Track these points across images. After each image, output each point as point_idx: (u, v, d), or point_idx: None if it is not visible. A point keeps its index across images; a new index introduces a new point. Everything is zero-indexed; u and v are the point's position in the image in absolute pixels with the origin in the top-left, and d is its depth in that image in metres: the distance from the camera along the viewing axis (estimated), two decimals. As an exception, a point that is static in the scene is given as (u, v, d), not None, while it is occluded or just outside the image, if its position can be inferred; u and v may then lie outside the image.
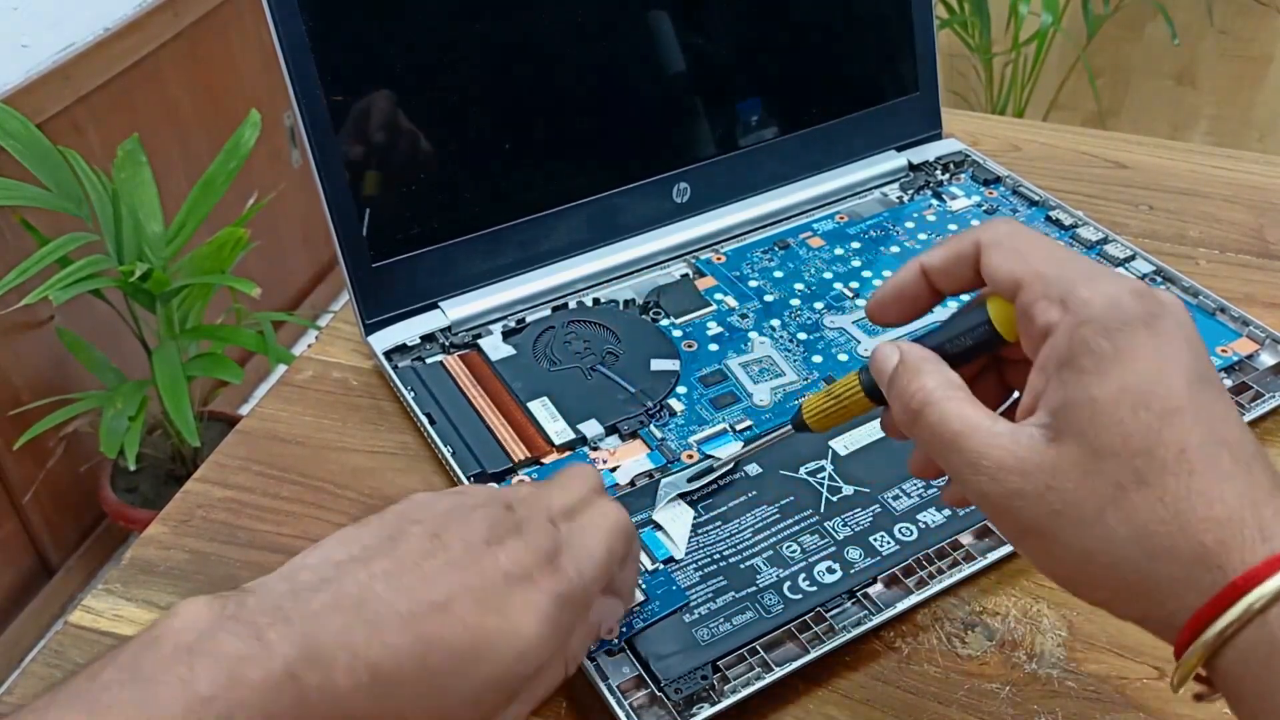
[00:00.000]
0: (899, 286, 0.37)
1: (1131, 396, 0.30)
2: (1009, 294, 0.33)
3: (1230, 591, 0.28)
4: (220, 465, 0.55)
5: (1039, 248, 0.33)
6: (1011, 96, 1.87)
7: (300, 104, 0.54)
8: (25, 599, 1.46)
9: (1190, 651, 0.29)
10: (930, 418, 0.33)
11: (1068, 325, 0.31)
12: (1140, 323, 0.31)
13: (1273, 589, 0.27)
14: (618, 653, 0.43)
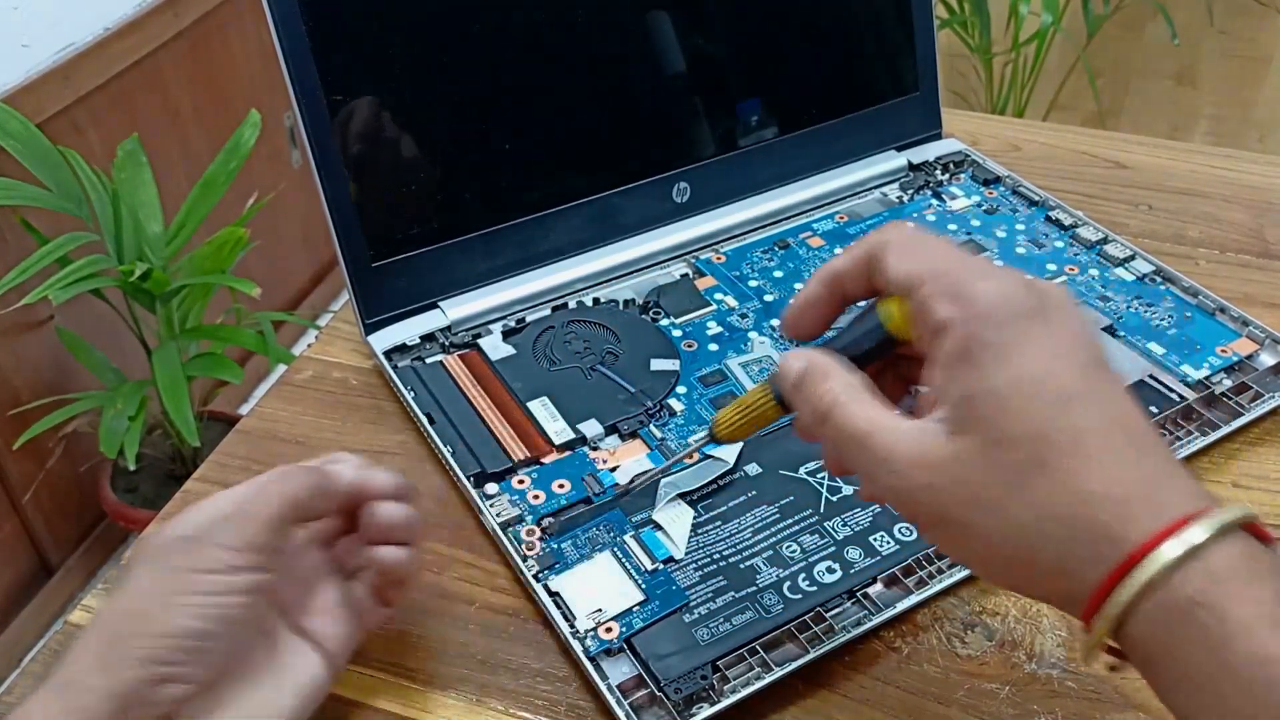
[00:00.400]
0: (811, 299, 0.38)
1: (1026, 386, 0.31)
2: (906, 292, 0.34)
3: (1128, 564, 0.29)
4: (220, 465, 0.55)
5: (934, 248, 0.34)
6: (1011, 96, 1.87)
7: (300, 104, 0.54)
8: (25, 599, 1.46)
9: (1096, 625, 0.30)
10: (837, 420, 0.34)
11: (962, 320, 0.32)
12: (1031, 314, 0.32)
13: (1168, 558, 0.28)
14: (617, 653, 0.43)
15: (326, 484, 0.41)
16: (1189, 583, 0.28)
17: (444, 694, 0.44)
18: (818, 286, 0.38)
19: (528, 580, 0.46)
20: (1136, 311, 0.60)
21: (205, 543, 0.37)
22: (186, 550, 0.37)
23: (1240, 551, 0.29)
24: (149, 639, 0.36)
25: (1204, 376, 0.56)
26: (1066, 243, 0.66)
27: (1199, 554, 0.28)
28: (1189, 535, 0.28)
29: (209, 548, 0.37)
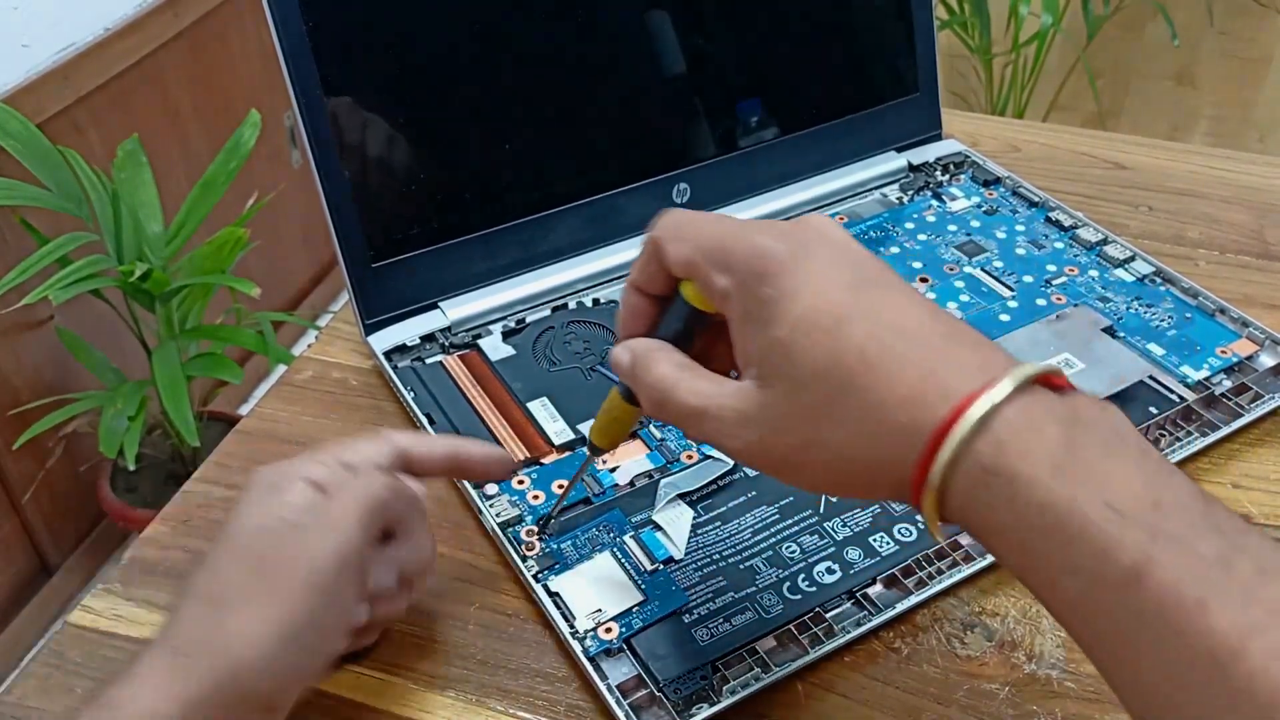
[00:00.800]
0: (629, 313, 0.40)
1: (804, 325, 0.33)
2: (689, 275, 0.37)
3: (930, 452, 0.31)
4: (220, 465, 0.55)
5: (699, 227, 0.37)
6: (1011, 97, 1.87)
7: (300, 104, 0.54)
8: (24, 599, 1.46)
9: (924, 510, 0.32)
10: (672, 403, 0.36)
11: (735, 286, 0.35)
12: (791, 258, 0.34)
13: (958, 439, 0.30)
14: (617, 653, 0.43)
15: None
16: (981, 454, 0.30)
17: (444, 694, 0.44)
18: (627, 300, 0.40)
19: (527, 580, 0.46)
20: (1136, 312, 0.60)
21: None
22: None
23: (1025, 410, 0.30)
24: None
25: (1204, 377, 0.56)
26: (1066, 244, 0.66)
27: (985, 426, 0.30)
28: (973, 412, 0.30)
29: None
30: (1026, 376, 0.31)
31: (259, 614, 0.37)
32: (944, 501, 0.31)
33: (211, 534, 0.50)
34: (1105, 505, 0.28)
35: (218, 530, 0.40)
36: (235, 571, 0.38)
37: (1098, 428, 0.30)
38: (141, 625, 0.47)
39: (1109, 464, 0.29)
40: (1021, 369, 0.31)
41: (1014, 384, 0.30)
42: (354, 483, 0.40)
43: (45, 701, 0.44)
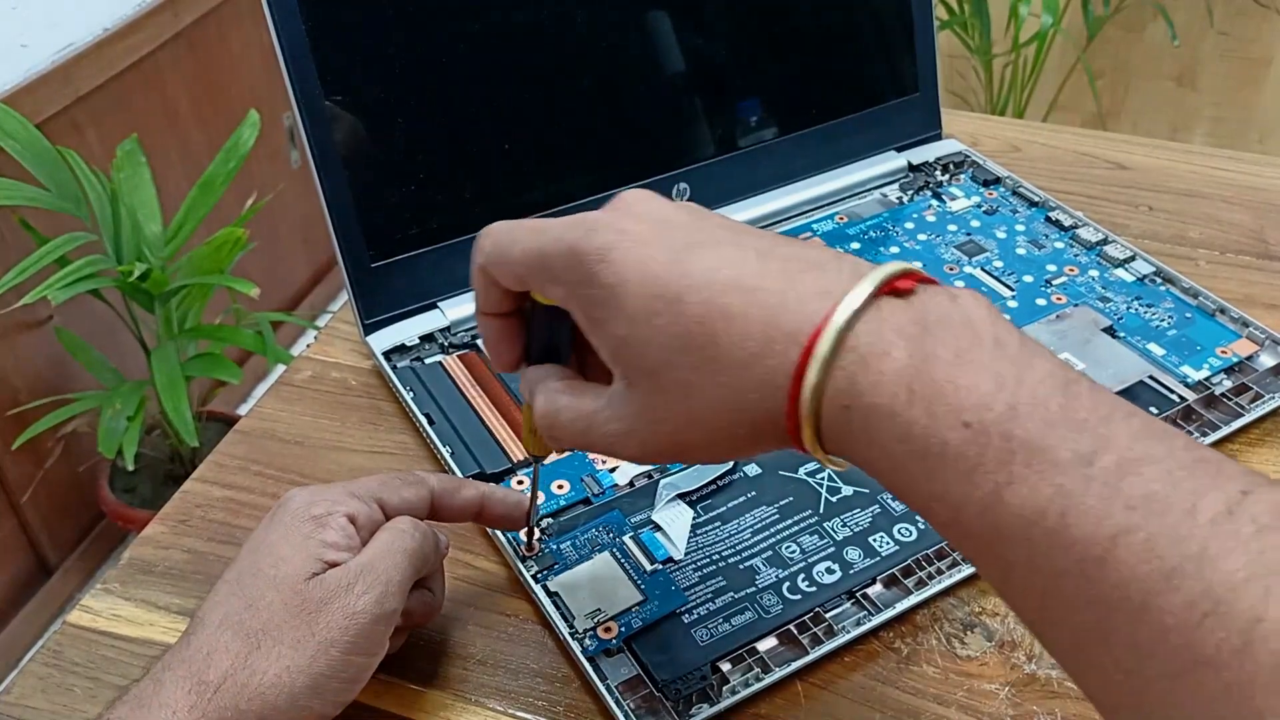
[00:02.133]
0: (491, 339, 0.39)
1: (640, 315, 0.32)
2: (526, 289, 0.36)
3: (794, 395, 0.30)
4: (219, 465, 0.55)
5: (516, 242, 0.35)
6: (1011, 97, 1.87)
7: (300, 104, 0.54)
8: (23, 599, 1.46)
9: (809, 451, 0.31)
10: (560, 433, 0.36)
11: (568, 295, 0.34)
12: (607, 249, 0.32)
13: (813, 382, 0.29)
14: (616, 653, 0.43)
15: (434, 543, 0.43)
16: (837, 392, 0.29)
17: (443, 694, 0.44)
18: (487, 329, 0.39)
19: (527, 581, 0.46)
20: (1136, 312, 0.60)
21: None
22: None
23: (870, 333, 0.29)
24: None
25: (1204, 377, 0.56)
26: (1066, 243, 0.66)
27: (834, 363, 0.29)
28: (819, 350, 0.29)
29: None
30: (867, 294, 0.29)
31: (295, 661, 0.37)
32: (823, 440, 0.31)
33: (211, 534, 0.51)
34: (962, 425, 0.27)
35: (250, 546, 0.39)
36: (277, 612, 0.37)
37: (948, 327, 0.29)
38: (140, 625, 0.47)
39: (962, 374, 0.28)
40: (860, 285, 0.30)
41: (854, 307, 0.29)
42: (400, 538, 0.40)
43: (44, 701, 0.44)
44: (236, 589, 0.38)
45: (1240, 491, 0.25)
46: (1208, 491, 0.25)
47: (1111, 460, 0.26)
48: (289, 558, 0.39)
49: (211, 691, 0.36)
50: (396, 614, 0.39)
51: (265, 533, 0.40)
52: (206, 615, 0.38)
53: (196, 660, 0.36)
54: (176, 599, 0.48)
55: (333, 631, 0.37)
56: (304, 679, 0.37)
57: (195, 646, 0.37)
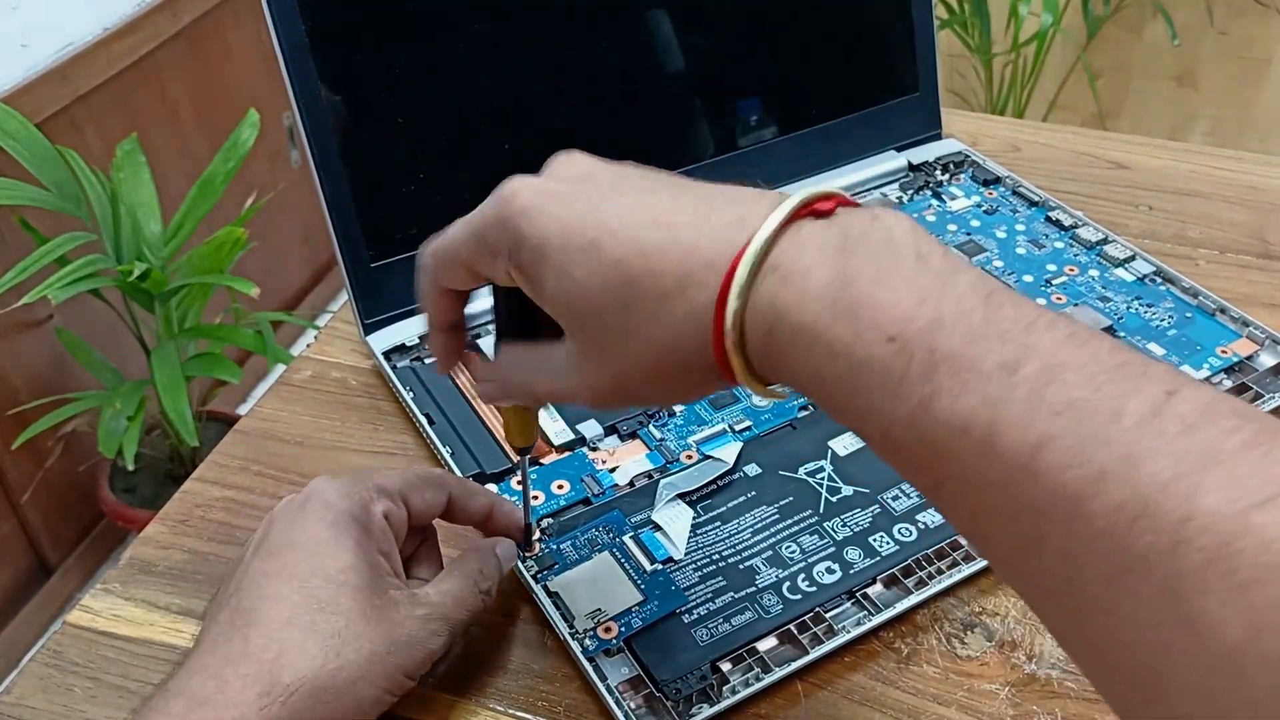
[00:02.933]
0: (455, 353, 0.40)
1: (564, 267, 0.32)
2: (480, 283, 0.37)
3: (718, 326, 0.30)
4: (219, 465, 0.55)
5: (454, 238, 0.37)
6: (1011, 97, 1.87)
7: (299, 104, 0.54)
8: (24, 599, 1.46)
9: (742, 382, 0.31)
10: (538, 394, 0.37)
11: (507, 264, 0.34)
12: (530, 209, 0.33)
13: (734, 304, 0.29)
14: (616, 653, 0.43)
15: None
16: (761, 316, 0.29)
17: (443, 694, 0.44)
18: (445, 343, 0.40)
19: (527, 581, 0.46)
20: (1136, 312, 0.60)
21: None
22: None
23: (789, 254, 0.29)
24: None
25: (1204, 377, 0.56)
26: (1066, 243, 0.66)
27: (755, 287, 0.29)
28: (739, 276, 0.29)
29: None
30: (785, 215, 0.29)
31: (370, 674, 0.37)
32: (752, 367, 0.30)
33: (211, 534, 0.51)
34: (886, 340, 0.27)
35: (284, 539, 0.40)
36: (355, 621, 0.38)
37: (869, 245, 0.28)
38: (140, 625, 0.47)
39: (884, 289, 0.28)
40: (778, 210, 0.29)
41: (772, 229, 0.29)
42: (472, 593, 0.42)
43: (44, 701, 0.44)
44: (295, 585, 0.38)
45: (1165, 392, 0.24)
46: (1132, 394, 0.24)
47: (1035, 368, 0.25)
48: (351, 564, 0.38)
49: (286, 694, 0.35)
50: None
51: (302, 525, 0.40)
52: (261, 610, 0.37)
53: (265, 660, 0.36)
54: (177, 599, 0.48)
55: (403, 658, 0.38)
56: (374, 692, 0.37)
57: (258, 644, 0.36)
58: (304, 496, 0.41)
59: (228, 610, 0.38)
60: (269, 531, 0.40)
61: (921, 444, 0.27)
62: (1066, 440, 0.24)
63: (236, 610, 0.38)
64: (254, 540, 0.41)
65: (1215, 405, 0.24)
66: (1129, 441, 0.24)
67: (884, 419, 0.27)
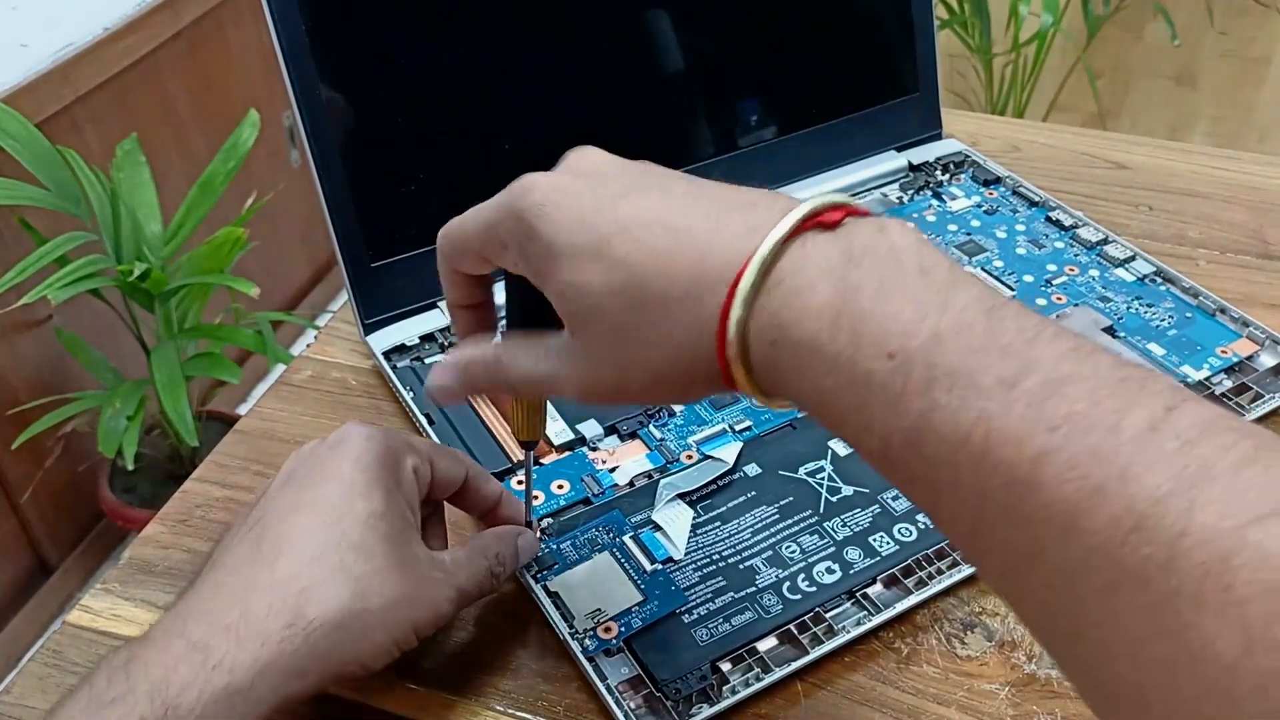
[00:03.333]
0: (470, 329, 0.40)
1: (574, 263, 0.32)
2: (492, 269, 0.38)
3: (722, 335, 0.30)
4: (219, 465, 0.55)
5: (469, 225, 0.37)
6: (1011, 97, 1.87)
7: (300, 104, 0.54)
8: (23, 598, 1.46)
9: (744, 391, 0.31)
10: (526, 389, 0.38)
11: (517, 255, 0.34)
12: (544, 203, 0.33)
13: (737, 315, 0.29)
14: (616, 653, 0.43)
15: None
16: (763, 329, 0.29)
17: (443, 694, 0.44)
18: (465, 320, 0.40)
19: (527, 581, 0.46)
20: (1136, 312, 0.60)
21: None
22: None
23: (794, 267, 0.29)
24: None
25: (1204, 377, 0.56)
26: (1067, 243, 0.66)
27: (757, 299, 0.29)
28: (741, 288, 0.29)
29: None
30: (790, 227, 0.29)
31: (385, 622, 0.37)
32: (754, 379, 0.31)
33: (211, 534, 0.51)
34: (887, 355, 0.27)
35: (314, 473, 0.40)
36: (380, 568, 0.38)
37: (874, 257, 0.29)
38: (140, 625, 0.47)
39: (886, 304, 0.28)
40: (785, 220, 0.30)
41: (776, 240, 0.29)
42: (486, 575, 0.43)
43: (44, 701, 0.44)
44: (327, 522, 0.38)
45: (1165, 408, 0.24)
46: (1131, 409, 0.24)
47: (1035, 382, 0.25)
48: (381, 510, 0.39)
49: (308, 628, 0.36)
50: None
51: (335, 464, 0.39)
52: (290, 540, 0.37)
53: (291, 591, 0.36)
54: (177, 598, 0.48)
55: (419, 614, 0.38)
56: (386, 641, 0.37)
57: (285, 574, 0.36)
58: (337, 438, 0.41)
59: (253, 536, 0.38)
60: (298, 467, 0.40)
61: (920, 458, 0.27)
62: (1064, 454, 0.24)
63: (263, 537, 0.38)
64: (279, 475, 0.41)
65: (1214, 422, 0.24)
66: (1126, 456, 0.24)
67: (883, 433, 0.28)
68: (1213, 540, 0.22)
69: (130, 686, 0.34)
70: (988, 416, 0.25)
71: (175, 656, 0.35)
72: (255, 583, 0.36)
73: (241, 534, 0.39)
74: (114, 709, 0.33)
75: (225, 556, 0.38)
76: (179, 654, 0.35)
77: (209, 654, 0.35)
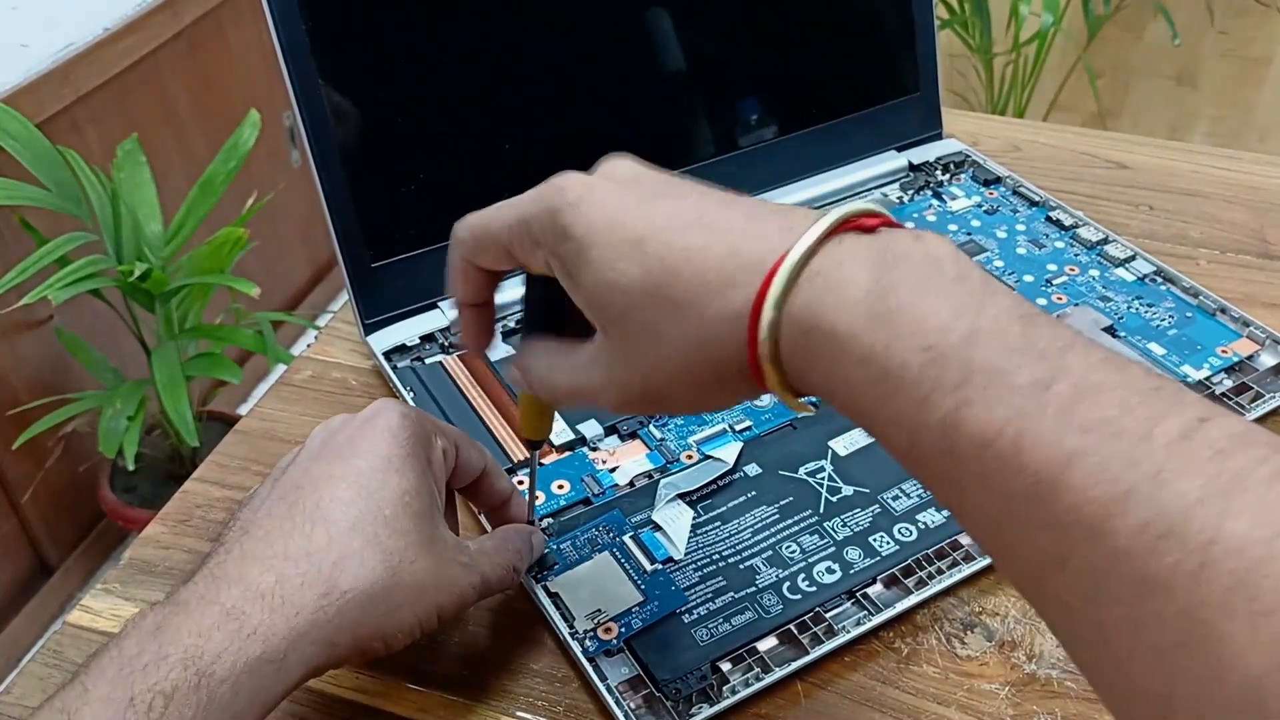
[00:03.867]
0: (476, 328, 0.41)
1: (607, 260, 0.33)
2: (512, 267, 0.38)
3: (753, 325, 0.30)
4: (219, 465, 0.55)
5: (495, 220, 0.37)
6: (1012, 97, 1.87)
7: (300, 104, 0.54)
8: (24, 599, 1.46)
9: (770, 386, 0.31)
10: (560, 393, 0.38)
11: (548, 254, 0.35)
12: (579, 203, 0.34)
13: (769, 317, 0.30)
14: (616, 653, 0.43)
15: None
16: (797, 317, 0.30)
17: (444, 694, 0.44)
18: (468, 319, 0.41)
19: (527, 581, 0.46)
20: (1137, 312, 0.60)
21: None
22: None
23: (832, 260, 0.30)
24: None
25: (1204, 377, 0.56)
26: (1067, 243, 0.66)
27: (794, 287, 0.30)
28: (779, 277, 0.30)
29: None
30: (830, 225, 0.30)
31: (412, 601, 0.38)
32: (784, 375, 0.31)
33: (211, 534, 0.51)
34: (922, 349, 0.27)
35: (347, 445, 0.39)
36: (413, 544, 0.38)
37: (910, 262, 0.29)
38: (140, 625, 0.47)
39: (923, 301, 0.28)
40: (824, 219, 0.30)
41: (816, 236, 0.30)
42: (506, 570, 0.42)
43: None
44: (363, 494, 0.38)
45: (1198, 418, 0.24)
46: (1164, 417, 0.24)
47: (1067, 386, 0.25)
48: (415, 488, 0.39)
49: (341, 599, 0.36)
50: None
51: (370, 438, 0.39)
52: (327, 510, 0.37)
53: (327, 561, 0.36)
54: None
55: (444, 596, 0.38)
56: (411, 620, 0.37)
57: (321, 543, 0.36)
58: (371, 412, 0.40)
59: (285, 505, 0.38)
60: (332, 438, 0.40)
61: (948, 454, 0.27)
62: (1094, 458, 0.24)
63: (296, 506, 0.37)
64: (310, 445, 0.40)
65: (1248, 434, 0.24)
66: (1157, 462, 0.24)
67: (911, 427, 0.28)
68: (1244, 550, 0.22)
69: (162, 652, 0.33)
70: (1020, 416, 0.25)
71: (209, 623, 0.34)
72: (289, 551, 0.36)
73: (273, 501, 0.38)
74: (146, 676, 0.33)
75: (256, 524, 0.37)
76: (213, 620, 0.34)
77: (244, 621, 0.34)
